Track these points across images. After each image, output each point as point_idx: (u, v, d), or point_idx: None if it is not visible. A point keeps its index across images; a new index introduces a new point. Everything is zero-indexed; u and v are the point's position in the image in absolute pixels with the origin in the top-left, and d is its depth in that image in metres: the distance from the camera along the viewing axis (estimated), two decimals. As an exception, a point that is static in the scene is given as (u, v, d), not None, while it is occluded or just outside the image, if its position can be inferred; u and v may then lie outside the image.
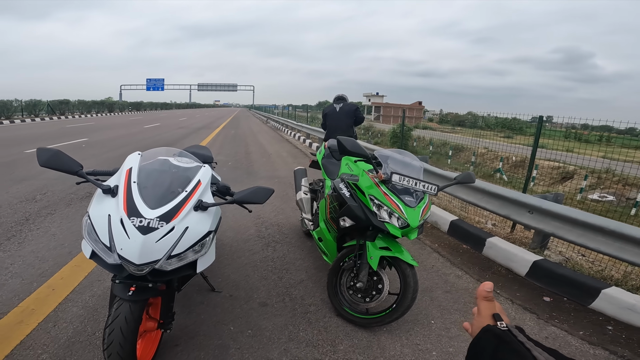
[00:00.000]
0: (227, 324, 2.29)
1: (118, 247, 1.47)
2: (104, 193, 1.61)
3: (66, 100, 29.56)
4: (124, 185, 1.61)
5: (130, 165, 1.70)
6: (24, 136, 12.13)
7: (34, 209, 4.18)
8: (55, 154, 1.62)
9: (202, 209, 1.68)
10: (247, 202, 1.74)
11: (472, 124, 37.14)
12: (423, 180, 2.20)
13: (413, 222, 2.12)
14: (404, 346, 2.20)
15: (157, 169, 1.80)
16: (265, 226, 4.09)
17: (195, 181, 1.75)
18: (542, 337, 2.39)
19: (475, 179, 2.52)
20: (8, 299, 2.37)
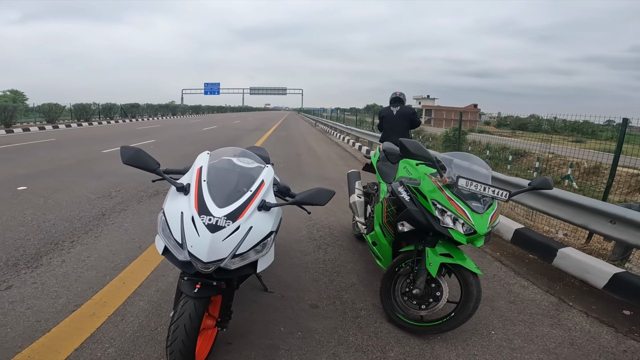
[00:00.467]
0: (278, 324, 2.33)
1: (189, 245, 1.54)
2: (178, 191, 1.71)
3: (136, 104, 32.36)
4: (195, 183, 1.69)
5: (201, 164, 1.79)
6: (100, 137, 13.43)
7: (109, 205, 4.60)
8: (136, 152, 1.75)
9: (265, 209, 1.72)
10: (309, 204, 1.77)
11: (536, 127, 34.64)
12: (492, 185, 2.08)
13: (480, 229, 2.01)
14: (460, 356, 2.10)
15: (224, 167, 1.88)
16: (317, 228, 4.13)
17: (259, 181, 1.80)
18: (619, 351, 2.20)
19: (553, 185, 2.33)
20: (83, 291, 2.57)
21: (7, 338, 2.03)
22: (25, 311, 2.30)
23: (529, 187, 2.30)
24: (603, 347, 2.24)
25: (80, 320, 2.24)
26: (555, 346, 2.23)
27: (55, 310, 2.33)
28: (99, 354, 1.96)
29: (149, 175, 1.82)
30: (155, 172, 1.77)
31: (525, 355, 2.12)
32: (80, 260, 3.05)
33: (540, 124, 37.95)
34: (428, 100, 74.54)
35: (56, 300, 2.44)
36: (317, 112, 50.24)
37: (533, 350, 2.18)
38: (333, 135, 18.90)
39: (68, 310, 2.34)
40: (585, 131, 15.15)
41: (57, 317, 2.26)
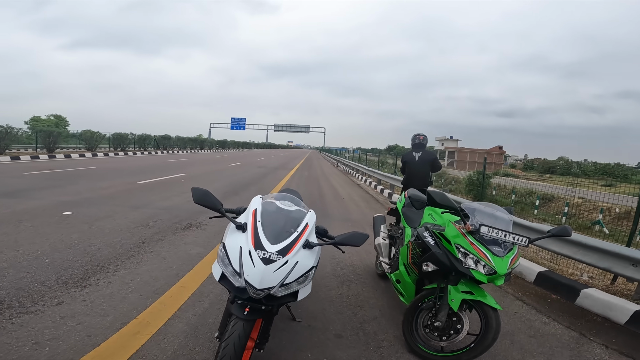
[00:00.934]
0: (305, 351, 2.49)
1: (245, 274, 1.81)
2: (237, 229, 2.01)
3: (168, 136, 34.37)
4: (252, 223, 1.99)
5: (255, 207, 2.10)
6: (136, 168, 14.29)
7: (147, 234, 4.95)
8: (205, 193, 2.10)
9: (309, 247, 1.99)
10: (346, 244, 2.03)
11: (565, 170, 33.79)
12: (513, 232, 2.27)
13: (501, 269, 2.20)
14: (479, 387, 2.19)
15: (273, 210, 2.17)
16: (341, 266, 4.31)
17: (304, 224, 2.09)
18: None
19: (571, 232, 2.51)
20: (128, 311, 2.82)
21: (59, 350, 2.23)
22: (76, 326, 2.54)
23: (547, 234, 2.47)
24: None
25: (127, 338, 2.45)
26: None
27: (103, 327, 2.55)
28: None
29: (183, 209, 2.16)
30: (219, 212, 2.10)
31: None
32: (124, 283, 3.33)
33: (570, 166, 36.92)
34: (451, 142, 74.72)
35: (104, 318, 2.68)
36: (338, 152, 51.25)
37: None
38: (355, 177, 19.24)
39: (115, 327, 2.57)
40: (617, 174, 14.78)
41: (105, 333, 2.48)
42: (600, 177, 17.07)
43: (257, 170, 17.94)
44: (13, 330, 2.40)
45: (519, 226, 4.63)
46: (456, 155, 64.39)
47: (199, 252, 4.37)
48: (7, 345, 2.22)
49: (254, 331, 2.08)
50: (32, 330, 2.41)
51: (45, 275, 3.31)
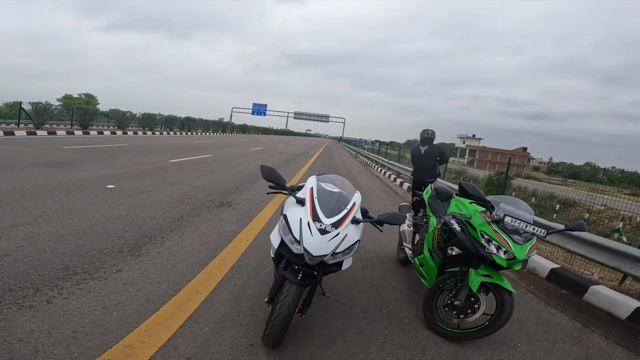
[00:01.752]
0: (335, 321, 2.81)
1: (304, 242, 2.13)
2: (297, 203, 2.33)
3: (192, 119, 35.23)
4: (310, 199, 2.30)
5: (312, 185, 2.42)
6: (165, 147, 14.89)
7: (185, 210, 5.36)
8: (272, 171, 2.42)
9: (356, 222, 2.31)
10: (388, 223, 2.36)
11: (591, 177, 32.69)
12: (533, 224, 2.55)
13: (519, 255, 2.47)
14: (488, 359, 2.49)
15: (326, 189, 2.47)
16: (364, 251, 4.60)
17: (352, 202, 2.40)
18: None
19: (586, 228, 2.77)
20: (178, 279, 3.10)
21: (126, 314, 2.46)
22: (136, 292, 2.77)
23: (565, 228, 2.77)
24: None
25: (181, 303, 2.70)
26: (572, 359, 2.57)
27: (159, 293, 2.80)
28: (197, 331, 2.40)
29: (214, 188, 2.50)
30: (284, 188, 2.43)
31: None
32: (172, 254, 3.68)
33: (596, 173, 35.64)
34: (473, 140, 73.35)
35: (159, 285, 2.96)
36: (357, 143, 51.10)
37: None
38: (374, 169, 19.39)
39: (169, 294, 2.84)
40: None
41: (162, 299, 2.73)
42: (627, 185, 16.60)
43: (278, 157, 18.36)
44: (82, 295, 2.62)
45: (537, 223, 4.89)
46: (477, 153, 63.27)
47: (233, 229, 4.75)
48: (79, 310, 2.43)
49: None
50: (99, 296, 2.64)
51: (101, 244, 3.66)
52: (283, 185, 2.42)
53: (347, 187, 2.66)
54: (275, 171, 2.44)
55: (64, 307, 2.45)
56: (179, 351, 2.21)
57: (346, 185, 2.70)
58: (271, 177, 2.40)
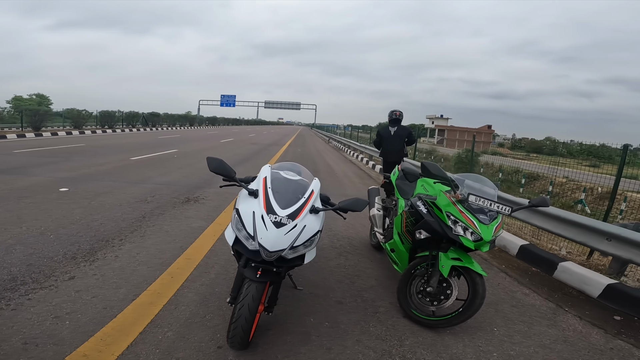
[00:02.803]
0: (309, 316, 2.69)
1: (259, 237, 1.96)
2: (249, 195, 2.14)
3: (157, 114, 33.70)
4: (263, 190, 2.13)
5: (265, 175, 2.24)
6: (127, 144, 14.14)
7: (148, 209, 5.05)
8: (220, 163, 2.21)
9: (315, 212, 2.15)
10: (348, 210, 2.18)
11: (551, 150, 34.26)
12: (497, 201, 2.48)
13: (486, 236, 2.40)
14: (467, 346, 2.44)
15: (282, 178, 2.31)
16: (337, 238, 4.50)
17: (310, 190, 2.24)
18: (607, 348, 2.52)
19: (550, 203, 2.73)
20: (139, 283, 2.93)
21: (80, 323, 2.31)
22: (91, 299, 2.61)
23: (528, 204, 2.69)
24: (592, 344, 2.56)
25: (142, 308, 2.55)
26: (550, 342, 2.56)
27: (118, 299, 2.64)
28: (159, 336, 2.26)
29: (180, 184, 2.30)
30: (233, 179, 2.23)
31: (523, 349, 2.45)
32: (132, 256, 3.44)
33: (556, 147, 37.50)
34: (441, 120, 74.86)
35: (117, 290, 2.78)
36: (329, 129, 51.04)
37: (530, 344, 2.52)
38: (347, 153, 19.36)
39: (129, 299, 2.67)
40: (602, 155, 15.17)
41: (120, 304, 2.57)
42: (585, 157, 17.42)
43: (250, 147, 17.93)
44: (31, 306, 2.45)
45: (502, 199, 4.91)
46: (446, 133, 64.69)
47: (200, 225, 4.52)
48: (29, 320, 2.29)
49: (263, 295, 2.25)
50: (50, 305, 2.48)
51: (52, 251, 3.39)
52: (232, 177, 2.22)
53: (305, 174, 2.51)
54: (223, 162, 2.23)
55: (12, 319, 2.30)
56: (140, 359, 2.04)
57: (304, 172, 2.55)
58: (219, 170, 2.20)
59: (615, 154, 16.72)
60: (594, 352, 2.47)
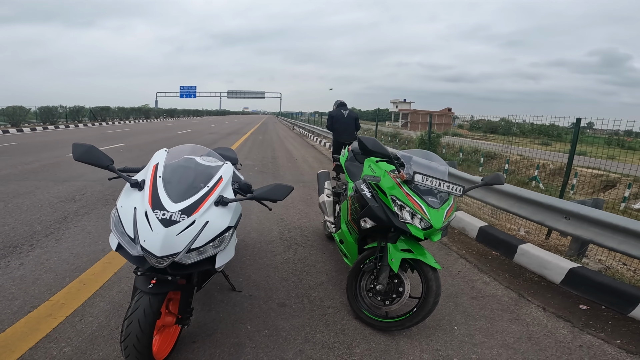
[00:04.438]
0: (245, 323, 2.31)
1: (141, 239, 1.54)
2: (132, 187, 1.70)
3: (107, 107, 31.30)
4: (151, 179, 1.69)
5: (157, 161, 1.79)
6: (66, 140, 12.90)
7: (72, 209, 4.43)
8: (89, 149, 1.73)
9: (223, 204, 1.73)
10: (266, 199, 1.78)
11: (506, 130, 35.58)
12: (448, 181, 2.16)
13: (436, 223, 2.08)
14: (424, 351, 2.14)
15: (182, 165, 1.88)
16: (289, 229, 4.12)
17: (217, 177, 1.81)
18: (575, 346, 2.28)
19: (504, 180, 2.45)
20: (40, 293, 2.50)
21: None
22: None
23: (482, 182, 2.41)
24: (559, 341, 2.32)
25: (37, 321, 2.20)
26: (513, 341, 2.29)
27: (10, 312, 2.27)
28: (54, 352, 1.94)
29: (120, 180, 1.77)
30: (108, 169, 1.75)
31: (485, 350, 2.18)
32: (39, 263, 2.94)
33: (510, 127, 39.18)
34: (404, 104, 75.91)
35: (12, 302, 2.38)
36: (295, 116, 50.30)
37: (493, 345, 2.24)
38: (310, 139, 18.94)
39: (24, 311, 2.28)
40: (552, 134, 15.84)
41: (12, 317, 2.22)
42: (537, 136, 18.12)
43: (208, 137, 17.05)
44: None
45: (458, 178, 4.70)
46: (409, 116, 65.69)
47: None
48: None
49: (173, 306, 1.84)
50: None
51: None
52: (107, 165, 1.74)
53: (213, 157, 2.08)
54: (94, 148, 1.75)
55: None
56: None
57: (212, 154, 2.12)
58: (88, 158, 1.72)
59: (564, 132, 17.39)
60: (562, 351, 2.22)
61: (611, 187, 15.15)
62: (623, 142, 12.03)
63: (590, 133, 17.92)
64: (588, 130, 19.97)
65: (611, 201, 12.15)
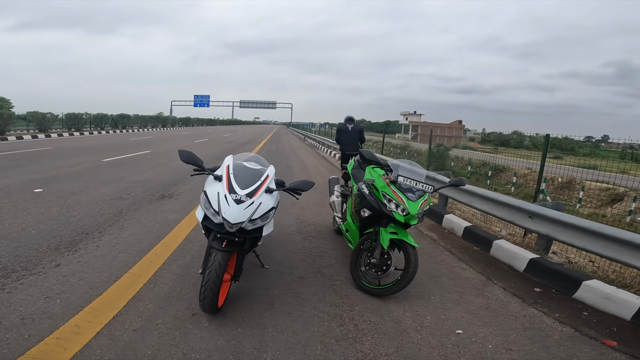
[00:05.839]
0: (273, 288, 3.09)
1: (223, 212, 2.36)
2: (215, 179, 2.55)
3: (127, 115, 32.84)
4: (226, 175, 2.53)
5: (228, 163, 2.65)
6: (96, 147, 14.04)
7: (124, 205, 5.30)
8: (189, 154, 2.60)
9: (269, 192, 2.58)
10: (296, 190, 2.66)
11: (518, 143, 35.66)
12: (423, 182, 2.99)
13: (412, 211, 2.89)
14: (406, 311, 2.89)
15: (242, 166, 2.71)
16: (304, 225, 4.93)
17: (266, 175, 2.66)
18: (521, 315, 2.96)
19: (465, 183, 3.29)
20: (120, 267, 3.25)
21: (69, 301, 2.63)
22: (78, 282, 2.93)
23: (448, 183, 3.31)
24: (509, 311, 3.01)
25: (124, 287, 2.89)
26: (475, 309, 3.01)
27: (102, 281, 2.96)
28: (141, 308, 2.61)
29: (155, 182, 2.70)
30: (201, 167, 2.61)
31: (452, 314, 2.89)
32: (112, 246, 3.74)
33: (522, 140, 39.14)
34: (414, 116, 76.60)
35: (101, 274, 3.09)
36: (306, 127, 51.45)
37: (459, 310, 2.96)
38: (321, 150, 19.78)
39: (112, 280, 3.00)
40: (565, 147, 16.25)
41: (105, 285, 2.90)
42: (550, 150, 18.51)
43: (225, 146, 18.07)
44: (24, 289, 2.74)
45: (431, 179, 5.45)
46: (419, 129, 66.32)
47: (176, 217, 4.82)
48: (23, 301, 2.58)
49: (230, 266, 2.64)
50: (41, 288, 2.78)
51: (37, 244, 3.64)
52: (201, 165, 2.62)
53: (262, 163, 2.92)
54: (192, 154, 2.62)
55: (8, 300, 2.59)
56: (124, 326, 2.39)
57: (261, 161, 2.98)
58: (189, 160, 2.59)
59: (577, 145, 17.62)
60: (509, 318, 2.90)
61: (619, 201, 15.49)
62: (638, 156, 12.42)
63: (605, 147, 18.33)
64: (603, 144, 20.41)
65: (618, 214, 12.48)
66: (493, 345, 2.49)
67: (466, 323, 2.77)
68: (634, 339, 2.67)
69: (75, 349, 2.13)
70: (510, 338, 2.61)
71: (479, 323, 2.79)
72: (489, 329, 2.71)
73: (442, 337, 2.56)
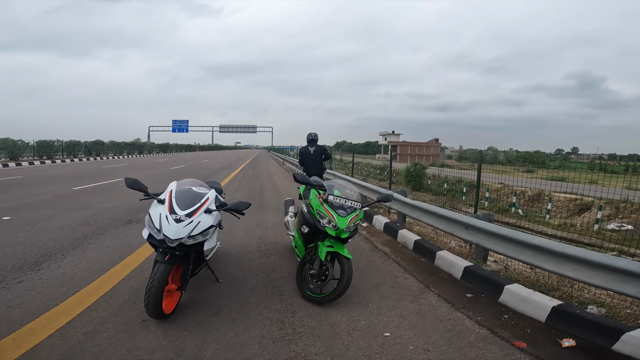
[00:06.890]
0: (224, 298, 3.35)
1: (163, 230, 2.69)
2: (158, 202, 2.88)
3: (101, 142, 32.40)
4: (168, 198, 2.87)
5: (171, 188, 2.99)
6: (68, 175, 14.01)
7: (89, 230, 5.47)
8: (134, 181, 2.95)
9: (209, 212, 2.92)
10: (234, 210, 3.01)
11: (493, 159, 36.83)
12: (351, 199, 3.39)
13: (342, 225, 3.26)
14: (343, 316, 3.17)
15: (185, 190, 3.05)
16: (265, 244, 5.22)
17: (206, 197, 3.01)
18: (447, 318, 3.21)
19: (392, 199, 3.68)
20: (79, 283, 3.50)
21: (28, 310, 2.93)
22: (37, 294, 3.22)
23: (376, 200, 3.75)
24: (437, 315, 3.28)
25: (81, 298, 3.20)
26: (407, 313, 3.29)
27: (60, 294, 3.26)
28: (94, 316, 2.91)
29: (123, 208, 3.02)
30: (146, 193, 2.95)
31: (385, 318, 3.17)
32: (73, 265, 3.96)
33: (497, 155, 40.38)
34: (393, 136, 78.58)
35: (60, 288, 3.38)
36: (286, 150, 51.98)
37: (392, 315, 3.24)
38: (297, 173, 20.08)
39: (70, 293, 3.28)
40: (536, 161, 16.99)
41: (62, 297, 3.20)
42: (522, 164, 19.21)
43: (200, 172, 18.18)
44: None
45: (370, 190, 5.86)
46: (398, 148, 67.88)
47: (140, 240, 4.96)
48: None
49: (176, 277, 2.93)
50: (3, 300, 3.10)
51: (2, 264, 3.92)
52: (146, 191, 2.97)
53: (205, 187, 3.26)
54: (138, 181, 2.99)
55: None
56: (76, 329, 2.69)
57: (204, 185, 3.33)
58: (134, 186, 2.96)
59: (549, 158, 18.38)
60: (435, 321, 3.16)
61: (586, 210, 16.23)
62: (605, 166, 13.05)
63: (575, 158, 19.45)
64: (573, 156, 21.71)
65: (585, 223, 12.98)
66: (414, 346, 2.72)
67: (395, 326, 3.03)
68: (544, 340, 2.86)
69: (28, 346, 2.44)
70: (431, 340, 2.82)
71: (406, 326, 3.04)
72: (414, 332, 2.95)
73: (370, 339, 2.81)
